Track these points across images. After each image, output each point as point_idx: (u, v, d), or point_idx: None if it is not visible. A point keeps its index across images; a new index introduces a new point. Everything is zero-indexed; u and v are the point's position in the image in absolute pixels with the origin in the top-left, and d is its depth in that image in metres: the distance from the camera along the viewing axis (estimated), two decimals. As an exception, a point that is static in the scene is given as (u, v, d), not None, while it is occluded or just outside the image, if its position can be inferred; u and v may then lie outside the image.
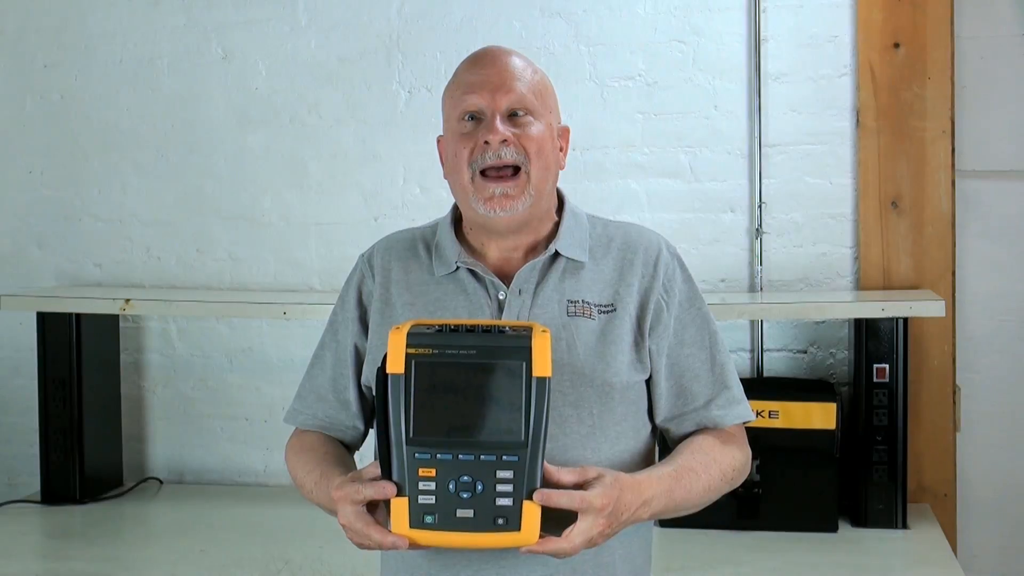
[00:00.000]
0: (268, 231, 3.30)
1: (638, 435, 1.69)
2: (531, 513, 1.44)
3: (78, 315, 3.07)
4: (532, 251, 1.71)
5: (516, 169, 1.64)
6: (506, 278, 1.68)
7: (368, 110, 3.23)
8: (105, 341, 3.23)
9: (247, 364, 3.33)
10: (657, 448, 1.76)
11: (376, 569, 1.77)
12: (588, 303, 1.67)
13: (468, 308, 1.67)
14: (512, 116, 1.65)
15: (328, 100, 3.26)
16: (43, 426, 3.10)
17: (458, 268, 1.69)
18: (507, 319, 1.65)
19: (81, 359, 3.08)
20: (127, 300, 3.00)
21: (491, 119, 1.64)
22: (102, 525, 2.94)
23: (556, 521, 1.47)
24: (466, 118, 1.66)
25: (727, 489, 1.69)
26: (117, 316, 3.26)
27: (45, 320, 3.07)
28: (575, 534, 1.47)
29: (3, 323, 3.41)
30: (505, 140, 1.63)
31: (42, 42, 3.39)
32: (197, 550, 2.72)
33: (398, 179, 3.22)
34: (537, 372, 1.47)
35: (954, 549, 2.82)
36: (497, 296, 1.67)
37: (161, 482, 3.33)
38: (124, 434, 3.32)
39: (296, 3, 3.26)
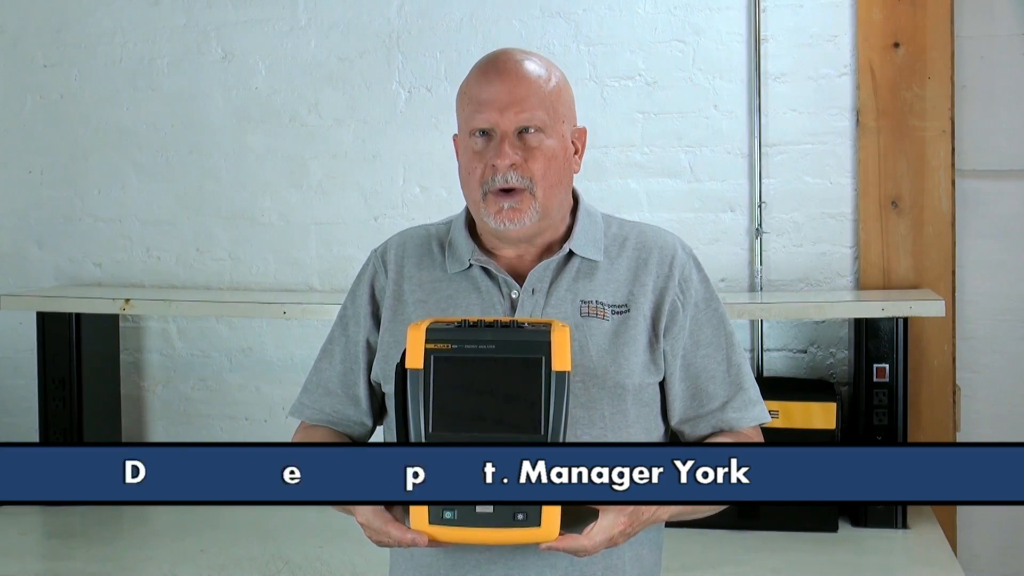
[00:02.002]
0: (268, 231, 3.30)
1: (650, 438, 1.68)
2: (551, 509, 1.44)
3: (78, 315, 3.07)
4: (546, 251, 1.70)
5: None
6: (519, 277, 1.68)
7: (368, 110, 3.23)
8: (105, 341, 3.23)
9: (247, 364, 3.33)
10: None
11: (377, 569, 1.77)
12: (601, 304, 1.66)
13: (480, 306, 1.66)
14: (523, 132, 1.64)
15: (328, 100, 3.26)
16: (43, 426, 3.10)
17: (471, 266, 1.69)
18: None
19: (81, 359, 3.08)
20: (127, 300, 3.00)
21: (500, 141, 1.62)
22: (102, 525, 2.94)
23: (577, 518, 1.46)
24: (477, 134, 1.65)
25: None
26: (117, 316, 3.25)
27: (45, 320, 3.07)
28: (596, 532, 1.46)
29: (3, 323, 3.41)
30: (512, 164, 1.62)
31: (42, 42, 3.39)
32: (197, 550, 2.72)
33: (398, 179, 3.22)
34: (556, 367, 1.46)
35: (954, 549, 2.82)
36: (510, 295, 1.67)
37: (161, 482, 3.33)
38: (124, 434, 3.32)
39: (296, 3, 3.26)
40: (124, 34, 3.34)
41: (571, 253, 1.68)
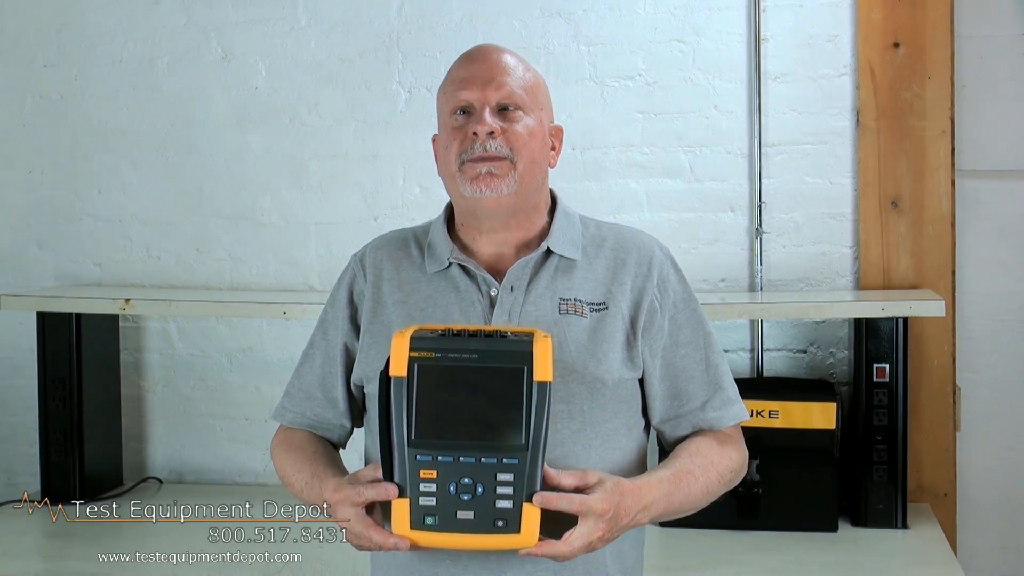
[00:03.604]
0: (268, 231, 3.30)
1: (630, 433, 1.69)
2: (531, 516, 1.45)
3: (78, 315, 3.07)
4: (524, 248, 1.71)
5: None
6: (498, 275, 1.69)
7: (368, 110, 3.23)
8: (105, 341, 3.23)
9: (247, 364, 3.33)
10: (649, 449, 1.76)
11: (375, 569, 1.77)
12: (580, 301, 1.68)
13: (460, 305, 1.68)
14: (502, 110, 1.67)
15: (328, 100, 3.25)
16: (43, 426, 3.10)
17: (450, 265, 1.70)
18: (499, 316, 1.66)
19: (81, 359, 3.08)
20: (127, 300, 3.00)
21: (480, 112, 1.66)
22: (102, 525, 2.93)
23: (556, 524, 1.48)
24: (457, 112, 1.68)
25: (724, 490, 1.70)
26: (117, 316, 3.25)
27: (45, 320, 3.07)
28: (574, 538, 1.48)
29: (3, 323, 3.41)
30: (492, 132, 1.64)
31: (42, 42, 3.39)
32: (197, 550, 2.72)
33: (398, 179, 3.22)
34: (538, 377, 1.48)
35: (954, 549, 2.82)
36: (489, 293, 1.68)
37: (161, 482, 3.33)
38: (124, 434, 3.32)
39: (296, 3, 3.26)
40: (124, 34, 3.34)
41: (549, 251, 1.70)
